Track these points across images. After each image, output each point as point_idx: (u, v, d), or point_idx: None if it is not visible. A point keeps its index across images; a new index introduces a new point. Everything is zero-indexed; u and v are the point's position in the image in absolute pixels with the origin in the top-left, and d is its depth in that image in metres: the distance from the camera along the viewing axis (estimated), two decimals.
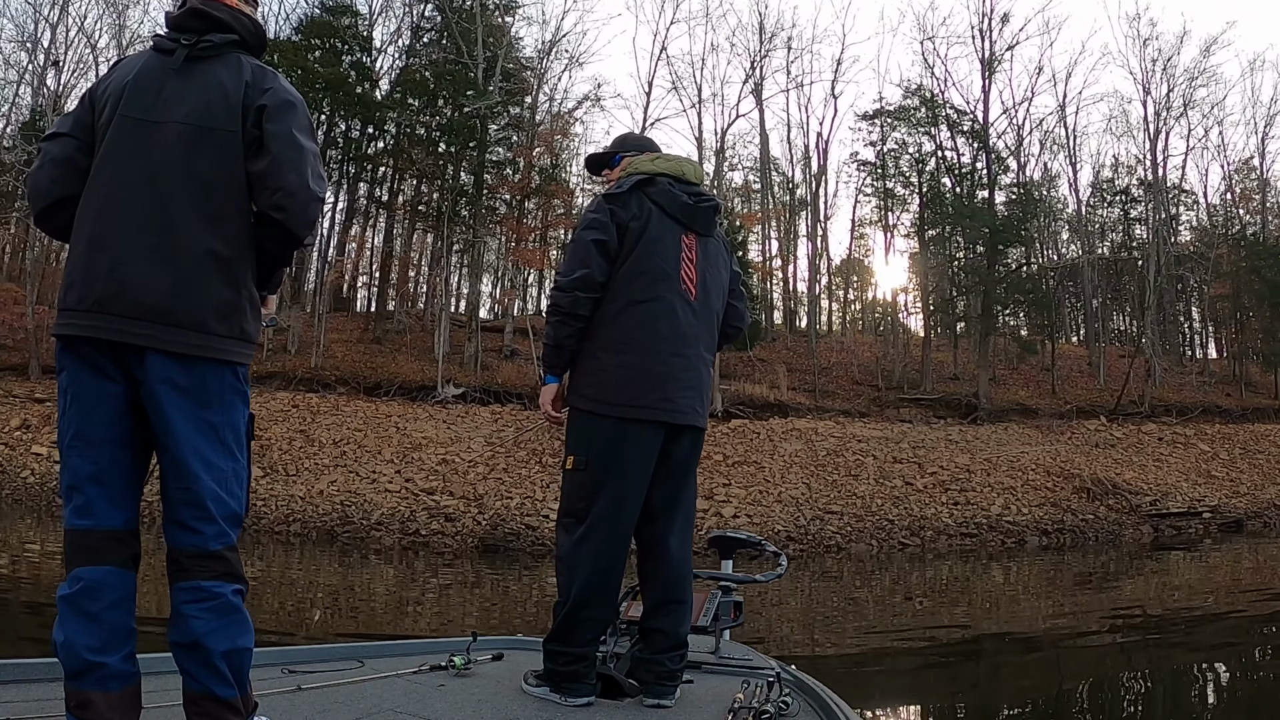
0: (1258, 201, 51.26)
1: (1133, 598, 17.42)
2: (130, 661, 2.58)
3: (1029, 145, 46.16)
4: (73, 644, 2.50)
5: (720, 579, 5.03)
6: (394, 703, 3.43)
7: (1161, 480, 29.49)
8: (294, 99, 2.85)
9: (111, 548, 2.61)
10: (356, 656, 4.16)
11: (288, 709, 3.20)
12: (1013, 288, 40.26)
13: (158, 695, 2.76)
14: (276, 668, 3.76)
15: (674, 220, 3.94)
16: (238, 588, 2.68)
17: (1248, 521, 27.67)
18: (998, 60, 41.20)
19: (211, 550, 2.65)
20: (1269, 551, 24.11)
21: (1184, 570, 21.47)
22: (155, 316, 2.58)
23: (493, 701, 3.57)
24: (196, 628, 2.57)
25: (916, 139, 43.11)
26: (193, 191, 2.68)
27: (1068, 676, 11.01)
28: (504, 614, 14.10)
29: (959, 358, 42.78)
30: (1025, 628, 14.51)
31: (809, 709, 3.67)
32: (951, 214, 40.13)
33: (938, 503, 25.69)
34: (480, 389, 31.95)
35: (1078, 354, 49.05)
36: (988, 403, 35.54)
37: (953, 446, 30.30)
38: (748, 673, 4.10)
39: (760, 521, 22.75)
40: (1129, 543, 24.93)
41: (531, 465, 25.39)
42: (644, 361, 3.80)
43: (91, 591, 2.54)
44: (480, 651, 4.30)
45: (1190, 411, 37.75)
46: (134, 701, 2.60)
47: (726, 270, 4.18)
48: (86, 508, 2.62)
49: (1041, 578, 20.58)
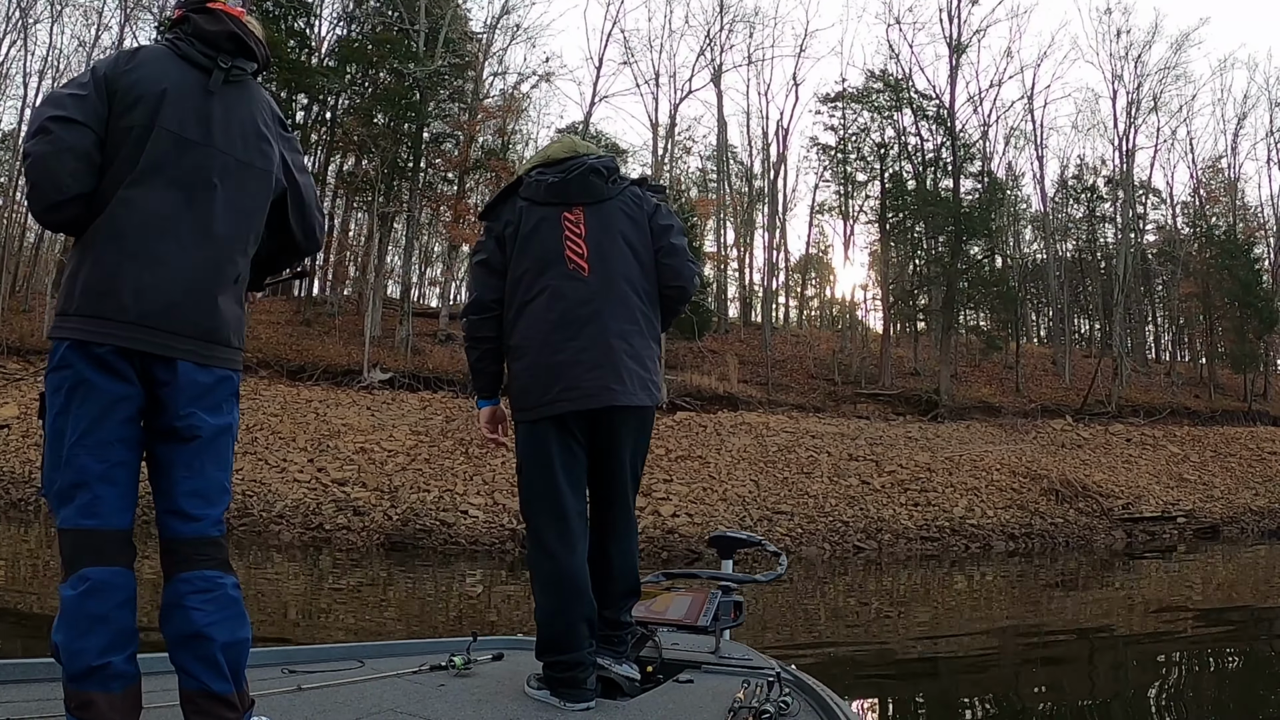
0: (1226, 202, 51.06)
1: (1102, 610, 15.91)
2: (132, 662, 2.54)
3: (994, 138, 45.58)
4: (76, 645, 2.47)
5: (720, 579, 4.95)
6: (394, 703, 3.40)
7: (1132, 483, 28.55)
8: (293, 134, 3.11)
9: (119, 548, 2.60)
10: (356, 656, 4.13)
11: (288, 709, 3.16)
12: (977, 282, 39.44)
13: (156, 696, 2.70)
14: (276, 667, 3.73)
15: (547, 205, 3.89)
16: (235, 580, 2.72)
17: (1224, 527, 26.87)
18: (966, 44, 40.39)
19: (211, 537, 2.72)
20: (1244, 560, 23.11)
21: (1158, 581, 20.06)
22: (200, 334, 2.70)
23: (493, 701, 3.55)
24: (198, 619, 2.59)
25: (880, 123, 42.25)
26: (230, 218, 2.78)
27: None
28: (424, 622, 12.78)
29: (919, 353, 41.89)
30: (992, 644, 13.08)
31: (809, 709, 3.62)
32: (914, 202, 39.22)
33: (896, 503, 24.28)
34: (410, 374, 30.27)
35: (1041, 353, 48.48)
36: (949, 400, 34.53)
37: (912, 444, 29.13)
38: (748, 672, 4.02)
39: (702, 522, 21.10)
40: (1101, 548, 23.75)
41: (456, 456, 23.64)
42: (541, 357, 3.77)
43: (99, 591, 2.51)
44: (480, 651, 4.21)
45: (1158, 413, 37.36)
46: (135, 702, 2.56)
47: (640, 228, 3.97)
48: (94, 506, 2.58)
49: (1008, 586, 19.06)
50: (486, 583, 16.60)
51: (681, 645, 4.47)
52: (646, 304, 3.93)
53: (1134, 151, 46.23)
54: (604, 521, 3.92)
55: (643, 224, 3.96)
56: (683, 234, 4.10)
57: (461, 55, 39.10)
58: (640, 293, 3.90)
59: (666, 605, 4.82)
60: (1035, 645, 12.93)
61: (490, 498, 21.08)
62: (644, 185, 4.12)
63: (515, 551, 18.65)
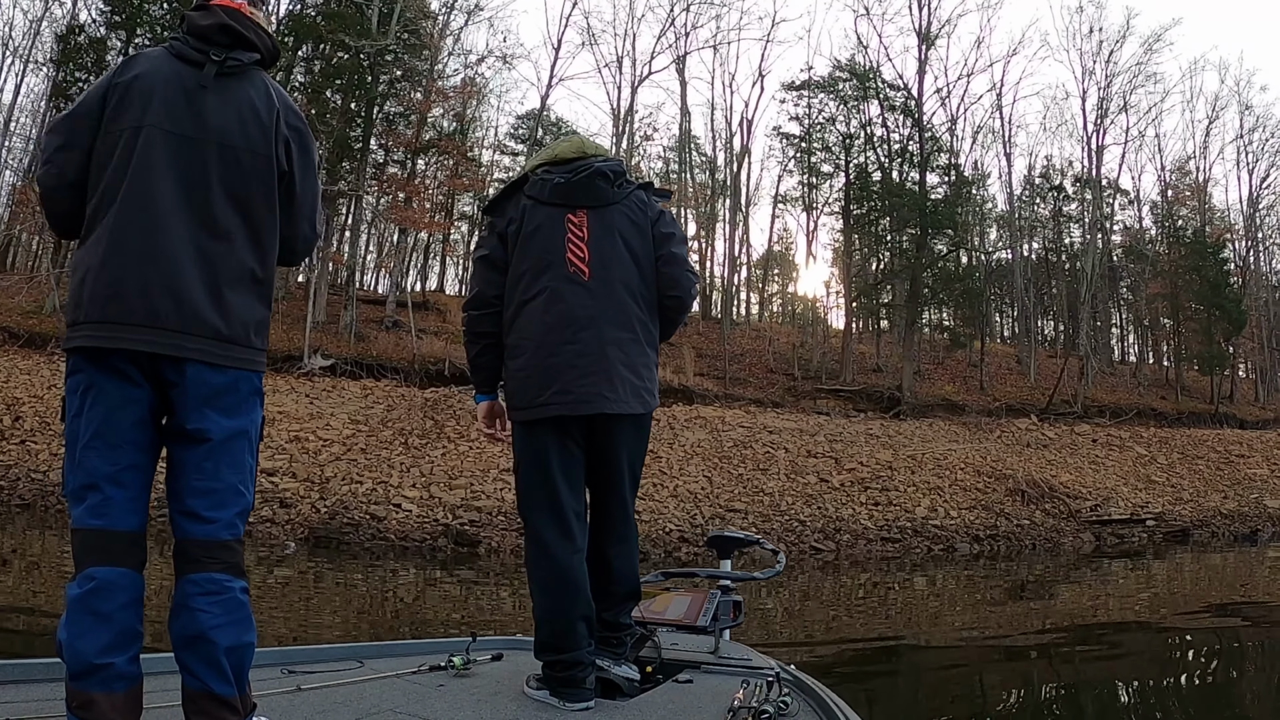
0: (1194, 205, 51.15)
1: (1069, 614, 14.98)
2: (135, 663, 2.56)
3: (962, 134, 45.40)
4: (79, 644, 2.48)
5: (719, 578, 4.88)
6: (394, 703, 3.40)
7: (1100, 484, 28.09)
8: (309, 130, 3.00)
9: (125, 549, 2.61)
10: (356, 657, 4.09)
11: (287, 709, 3.17)
12: (942, 277, 38.90)
13: (157, 695, 2.73)
14: (276, 668, 3.72)
15: (552, 205, 3.85)
16: (244, 585, 2.71)
17: (1194, 531, 26.41)
18: (935, 34, 39.97)
19: (222, 540, 2.70)
20: (1213, 564, 22.43)
21: (1129, 586, 19.11)
22: (210, 333, 2.67)
23: (492, 702, 3.53)
24: (204, 621, 2.60)
25: (846, 114, 41.61)
26: (231, 211, 2.76)
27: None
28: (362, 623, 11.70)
29: (882, 349, 41.61)
30: (957, 659, 12.05)
31: (809, 709, 3.59)
32: (880, 194, 38.63)
33: (856, 502, 23.48)
34: (353, 361, 29.06)
35: (1006, 352, 48.09)
36: (912, 397, 33.89)
37: (874, 441, 28.45)
38: (747, 672, 3.97)
39: (650, 519, 20.13)
40: (1069, 551, 22.97)
41: (395, 446, 22.54)
42: (537, 359, 3.73)
43: (104, 592, 2.53)
44: (480, 651, 4.16)
45: (1125, 413, 37.19)
46: (136, 702, 2.57)
47: (643, 235, 3.90)
48: (102, 508, 2.60)
49: (972, 591, 18.01)
50: (421, 581, 15.53)
51: (681, 645, 4.44)
52: (645, 311, 3.88)
53: (1103, 149, 46.15)
54: (603, 524, 3.91)
55: (645, 230, 3.91)
56: (684, 243, 4.05)
57: (417, 33, 37.89)
58: (639, 300, 3.86)
59: (665, 605, 4.79)
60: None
61: (426, 490, 19.99)
62: (650, 190, 4.05)
63: (447, 549, 17.78)
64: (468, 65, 43.49)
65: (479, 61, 43.41)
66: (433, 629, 11.29)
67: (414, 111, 36.92)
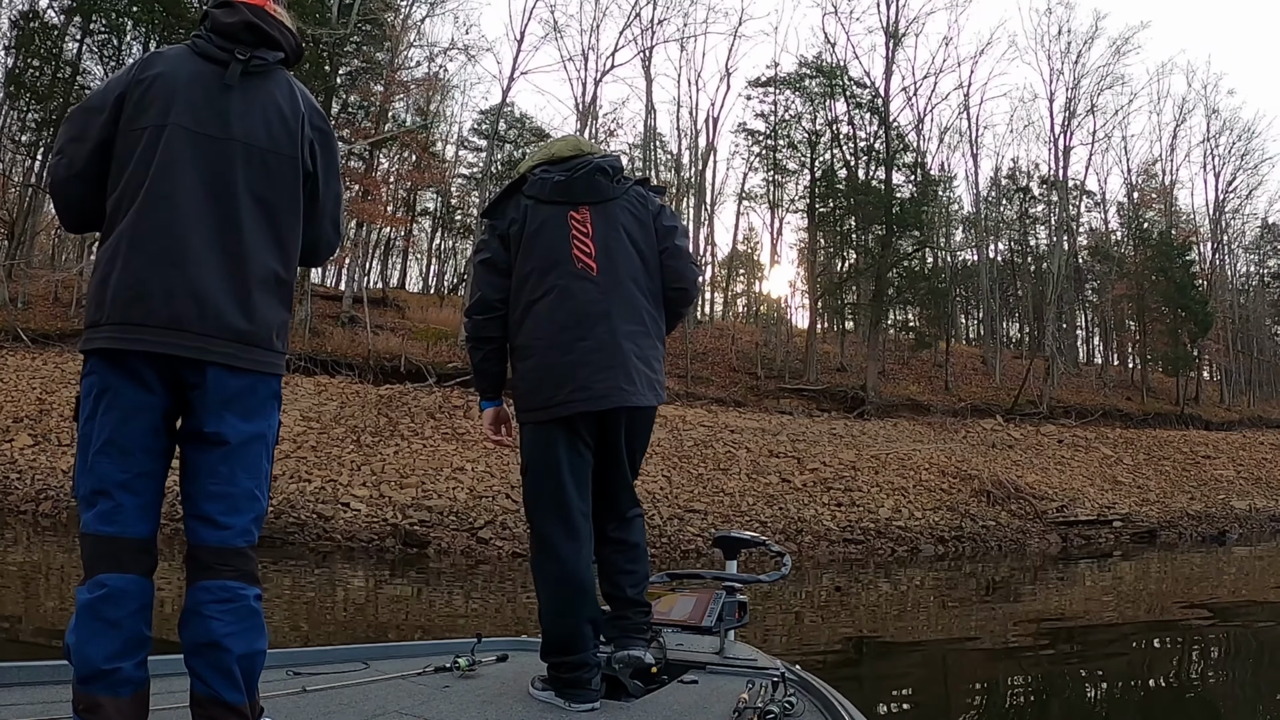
0: (1159, 207, 51.40)
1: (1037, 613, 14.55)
2: (142, 668, 2.57)
3: (929, 134, 45.11)
4: (87, 649, 2.48)
5: (724, 579, 4.84)
6: (399, 704, 3.40)
7: (1066, 485, 27.82)
8: (332, 131, 2.99)
9: (135, 556, 2.60)
10: (361, 658, 4.11)
11: (293, 711, 3.20)
12: (908, 278, 38.81)
13: (163, 697, 2.72)
14: (281, 669, 3.74)
15: (553, 203, 3.86)
16: (258, 592, 2.70)
17: (1161, 532, 26.27)
18: (903, 32, 39.62)
19: (236, 547, 2.67)
20: (1180, 565, 22.24)
21: (1097, 587, 18.78)
22: (234, 336, 2.64)
23: (497, 703, 3.55)
24: (216, 629, 2.58)
25: (812, 111, 41.32)
26: (256, 212, 2.74)
27: None
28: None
29: (846, 349, 41.24)
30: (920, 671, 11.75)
31: (814, 709, 3.62)
32: (845, 191, 38.37)
33: (819, 503, 22.92)
34: (306, 357, 28.10)
35: (971, 353, 47.99)
36: (876, 396, 33.51)
37: (837, 441, 27.98)
38: (752, 673, 4.00)
39: None
40: (1035, 553, 22.60)
41: (346, 444, 21.85)
42: (550, 358, 3.73)
43: (114, 598, 2.53)
44: (485, 653, 4.20)
45: (1091, 414, 37.19)
46: (142, 707, 2.58)
47: (646, 228, 3.95)
48: (113, 514, 2.59)
49: (938, 593, 17.61)
50: (371, 582, 15.00)
51: (686, 646, 4.44)
52: (652, 304, 3.89)
53: (1070, 150, 46.05)
54: (615, 510, 3.92)
55: (648, 224, 3.93)
56: (686, 236, 4.08)
57: (379, 24, 37.24)
58: (646, 293, 3.88)
59: (671, 606, 4.75)
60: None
61: (376, 489, 19.34)
62: (646, 185, 4.05)
63: (395, 549, 17.16)
64: (430, 58, 42.81)
65: (441, 53, 42.57)
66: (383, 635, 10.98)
67: (374, 103, 36.22)
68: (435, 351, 29.89)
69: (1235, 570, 21.54)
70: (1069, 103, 44.98)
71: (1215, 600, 16.87)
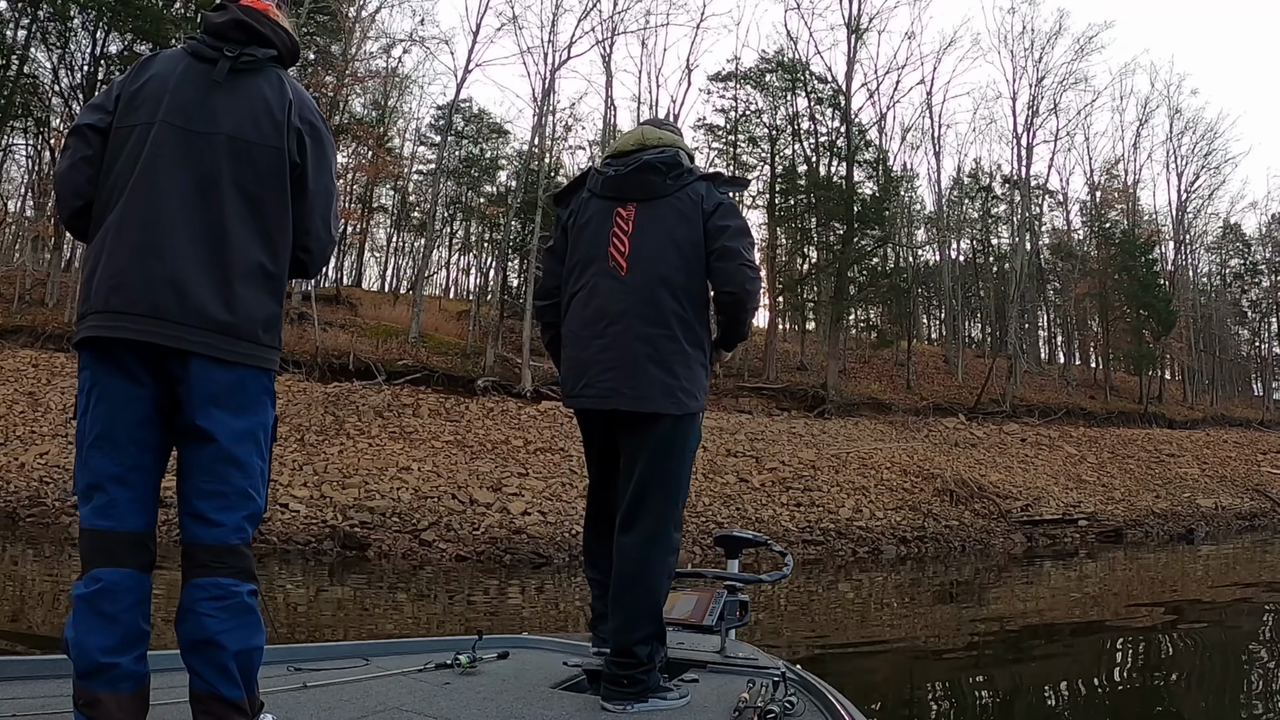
0: (1121, 208, 51.38)
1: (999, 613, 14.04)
2: (141, 662, 2.59)
3: (891, 131, 44.98)
4: (86, 644, 2.51)
5: (726, 578, 4.75)
6: (399, 701, 3.40)
7: (1030, 483, 27.48)
8: (326, 128, 2.98)
9: (131, 550, 2.62)
10: (362, 654, 4.09)
11: (293, 707, 3.17)
12: (869, 275, 38.53)
13: (164, 692, 2.75)
14: (282, 665, 3.71)
15: (604, 198, 3.89)
16: (253, 588, 2.70)
17: (1127, 530, 25.81)
18: (866, 27, 39.27)
19: (230, 544, 2.67)
20: (1147, 564, 21.70)
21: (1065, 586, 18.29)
22: (215, 327, 2.65)
23: (498, 700, 3.49)
24: (210, 626, 2.59)
25: (772, 106, 40.96)
26: (242, 205, 2.74)
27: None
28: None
29: (806, 347, 40.79)
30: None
31: (814, 709, 3.59)
32: (805, 186, 38.10)
33: (777, 503, 22.28)
34: None
35: (933, 352, 47.72)
36: (837, 395, 33.04)
37: (796, 440, 27.40)
38: (753, 672, 3.99)
39: (556, 521, 18.80)
40: (999, 552, 22.03)
41: (289, 443, 21.12)
42: (573, 352, 3.85)
43: (110, 593, 2.55)
44: (486, 650, 4.17)
45: (1054, 413, 37.08)
46: (142, 702, 2.60)
47: (693, 228, 3.81)
48: (108, 508, 2.62)
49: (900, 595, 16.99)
50: (310, 587, 14.23)
51: (687, 645, 4.41)
52: (687, 308, 3.76)
53: (1033, 147, 45.95)
54: (615, 522, 3.80)
55: (696, 223, 3.80)
56: (742, 235, 3.83)
57: (332, 14, 36.45)
58: (681, 296, 3.75)
59: (672, 605, 4.49)
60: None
61: (317, 490, 18.55)
62: (717, 180, 3.91)
63: (334, 551, 16.36)
64: (386, 49, 42.08)
65: (395, 45, 41.83)
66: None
67: (325, 94, 35.38)
68: (385, 349, 29.12)
69: (1203, 569, 21.19)
70: (1032, 100, 44.99)
71: (1181, 599, 16.50)
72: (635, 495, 3.73)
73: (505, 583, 15.22)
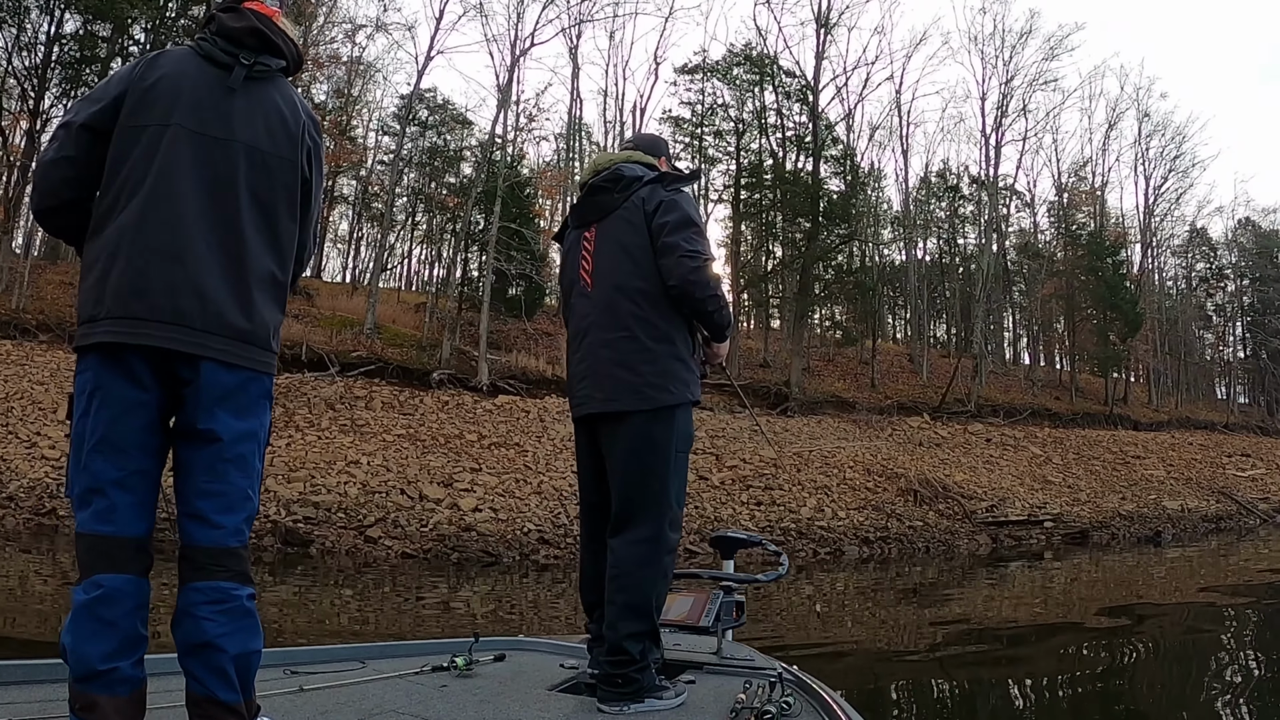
0: (1088, 210, 51.62)
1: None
2: (139, 666, 2.56)
3: (859, 128, 45.13)
4: (84, 649, 2.47)
5: (722, 579, 4.86)
6: (396, 703, 3.39)
7: (995, 484, 27.30)
8: (324, 143, 3.05)
9: (132, 556, 2.57)
10: (358, 657, 4.10)
11: (290, 710, 3.16)
12: (835, 273, 38.30)
13: (161, 696, 2.71)
14: (278, 668, 3.71)
15: (575, 228, 4.08)
16: (251, 591, 2.69)
17: (1094, 532, 25.52)
18: (835, 22, 38.90)
19: (229, 547, 2.66)
20: (1114, 566, 21.36)
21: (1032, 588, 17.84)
22: (234, 334, 2.65)
23: (495, 702, 3.49)
24: (210, 630, 2.57)
25: (739, 99, 40.60)
26: (256, 213, 2.75)
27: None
28: None
29: (770, 344, 40.43)
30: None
31: (811, 709, 3.58)
32: (771, 181, 37.75)
33: (736, 501, 21.84)
34: None
35: (898, 351, 47.53)
36: (800, 393, 32.66)
37: (758, 438, 26.87)
38: (750, 673, 4.00)
39: (507, 518, 18.27)
40: (964, 554, 21.61)
41: None
42: (567, 369, 4.07)
43: (110, 599, 2.51)
44: (482, 652, 4.17)
45: (1019, 413, 36.97)
46: (139, 705, 2.56)
47: (639, 233, 3.90)
48: (109, 513, 2.57)
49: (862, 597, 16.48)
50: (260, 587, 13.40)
51: (683, 645, 4.39)
52: (646, 308, 3.81)
53: (1001, 145, 45.81)
54: (609, 535, 3.82)
55: (642, 227, 3.88)
56: (682, 227, 3.84)
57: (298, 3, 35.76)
58: (638, 298, 3.82)
59: (668, 606, 4.42)
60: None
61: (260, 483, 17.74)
62: (664, 181, 3.96)
63: (274, 549, 15.72)
64: (349, 35, 41.37)
65: (356, 30, 41.11)
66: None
67: None
68: (340, 340, 28.40)
69: (1165, 571, 20.87)
70: (1002, 100, 44.85)
71: (1148, 602, 16.19)
72: (622, 496, 3.75)
73: (456, 582, 14.74)
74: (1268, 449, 42.70)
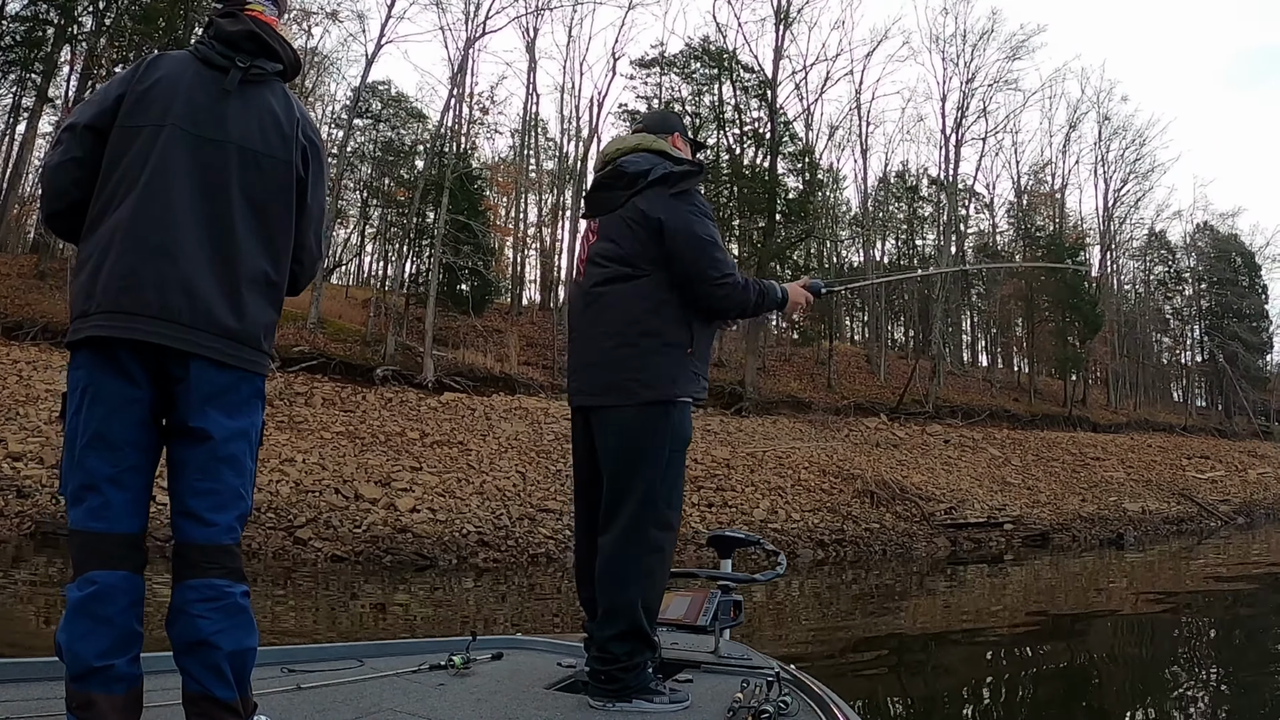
0: (1047, 212, 51.97)
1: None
2: (135, 664, 2.56)
3: (818, 131, 44.43)
4: (79, 646, 2.48)
5: (719, 578, 4.81)
6: (394, 702, 3.41)
7: (954, 486, 26.82)
8: (323, 145, 3.06)
9: (125, 553, 2.59)
10: (356, 656, 4.10)
11: (287, 708, 3.17)
12: (792, 271, 37.54)
13: (157, 694, 2.74)
14: (276, 667, 3.72)
15: (586, 218, 4.10)
16: (245, 589, 2.70)
17: (1054, 535, 25.10)
18: (794, 18, 38.69)
19: (222, 544, 2.68)
20: (1073, 568, 20.91)
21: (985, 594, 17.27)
22: (223, 332, 2.66)
23: (492, 701, 3.51)
24: (204, 628, 2.58)
25: (695, 91, 40.30)
26: (249, 214, 2.76)
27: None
28: None
29: (724, 344, 39.48)
30: None
31: (808, 708, 3.60)
32: (728, 176, 37.15)
33: (688, 503, 20.76)
34: None
35: (855, 352, 47.26)
36: (755, 393, 32.20)
37: (710, 437, 26.22)
38: (747, 672, 4.00)
39: (446, 519, 17.41)
40: (922, 557, 21.04)
41: None
42: (568, 359, 4.08)
43: (104, 596, 2.52)
44: (480, 651, 4.18)
45: (977, 414, 36.80)
46: (136, 703, 2.58)
47: (636, 236, 3.82)
48: (102, 510, 2.58)
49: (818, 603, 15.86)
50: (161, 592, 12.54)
51: (681, 645, 4.42)
52: (639, 305, 3.77)
53: (961, 144, 45.63)
54: (601, 521, 3.78)
55: (641, 232, 3.80)
56: (700, 251, 3.77)
57: None
58: (631, 295, 3.78)
59: (666, 605, 4.39)
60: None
61: None
62: (669, 182, 3.81)
63: None
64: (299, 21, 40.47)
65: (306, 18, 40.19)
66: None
67: None
68: (281, 334, 27.46)
69: (1126, 574, 20.50)
70: (962, 100, 44.71)
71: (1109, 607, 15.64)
72: (610, 494, 3.71)
73: (390, 587, 14.01)
74: (1226, 451, 42.90)
